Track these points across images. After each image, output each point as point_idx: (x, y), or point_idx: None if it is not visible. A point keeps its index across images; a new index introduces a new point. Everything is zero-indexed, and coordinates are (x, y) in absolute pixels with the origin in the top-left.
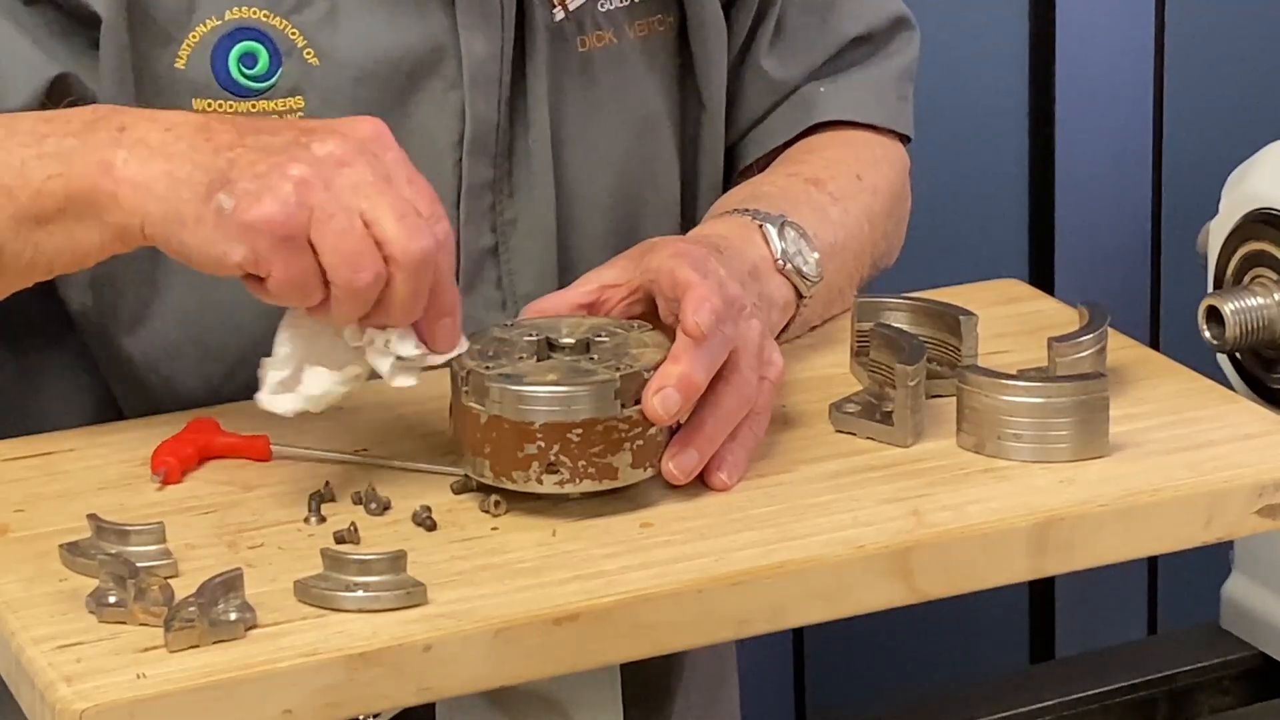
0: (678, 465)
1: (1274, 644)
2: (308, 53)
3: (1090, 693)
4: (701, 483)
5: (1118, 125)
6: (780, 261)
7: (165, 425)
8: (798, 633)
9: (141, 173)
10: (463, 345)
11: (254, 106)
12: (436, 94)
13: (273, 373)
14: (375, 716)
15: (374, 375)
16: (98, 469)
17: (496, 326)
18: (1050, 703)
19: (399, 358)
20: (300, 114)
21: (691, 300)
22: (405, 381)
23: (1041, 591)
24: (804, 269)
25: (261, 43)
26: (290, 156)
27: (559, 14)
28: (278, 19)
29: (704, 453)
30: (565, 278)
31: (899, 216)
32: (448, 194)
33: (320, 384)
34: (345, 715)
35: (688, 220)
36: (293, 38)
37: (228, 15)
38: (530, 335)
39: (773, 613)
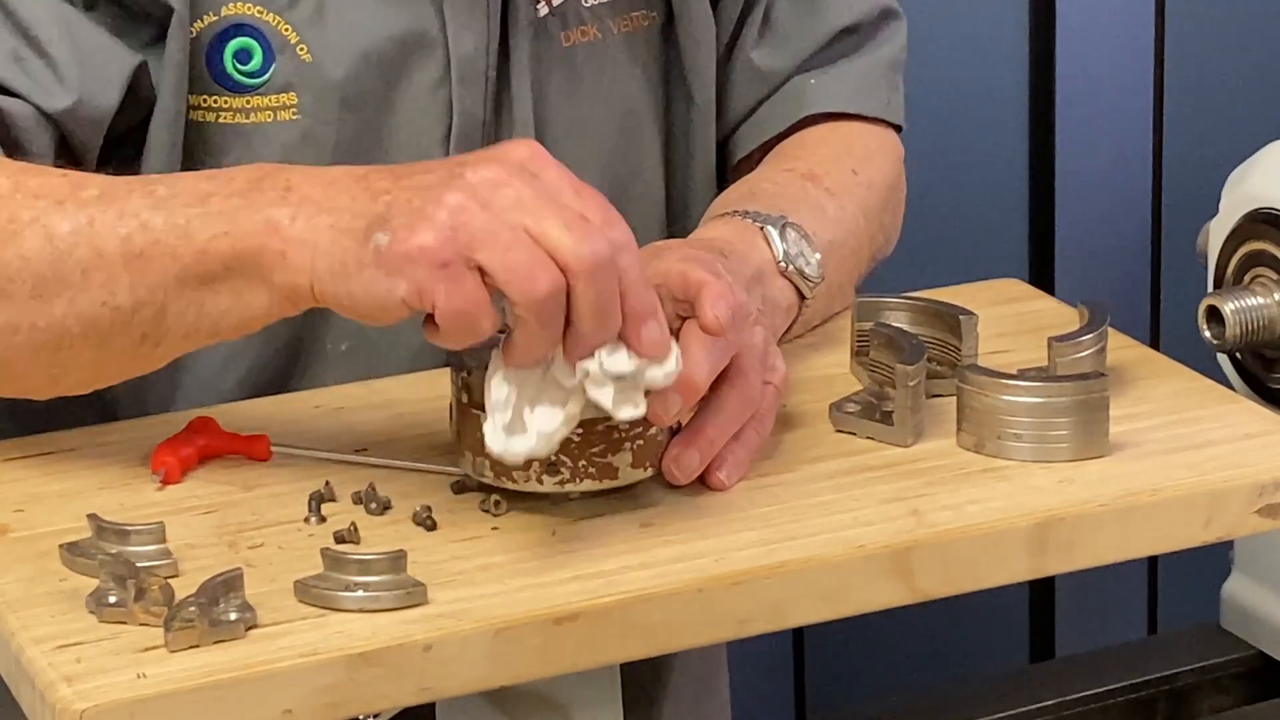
0: (679, 466)
1: (1274, 644)
2: (300, 48)
3: (1090, 693)
4: (701, 483)
5: (1118, 125)
6: (783, 264)
7: (165, 425)
8: (798, 633)
9: (307, 229)
10: (675, 353)
11: (248, 102)
12: (425, 90)
13: (497, 415)
14: (375, 716)
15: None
16: (98, 469)
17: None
18: (1050, 703)
19: (615, 378)
20: (293, 110)
21: (708, 297)
22: (631, 413)
23: (1041, 591)
24: (806, 270)
25: (255, 39)
26: (446, 188)
27: (543, 9)
28: (272, 15)
29: (705, 454)
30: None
31: (894, 207)
32: None
33: (550, 422)
34: (345, 715)
35: (674, 216)
36: (285, 34)
37: (224, 11)
38: None
39: (773, 613)
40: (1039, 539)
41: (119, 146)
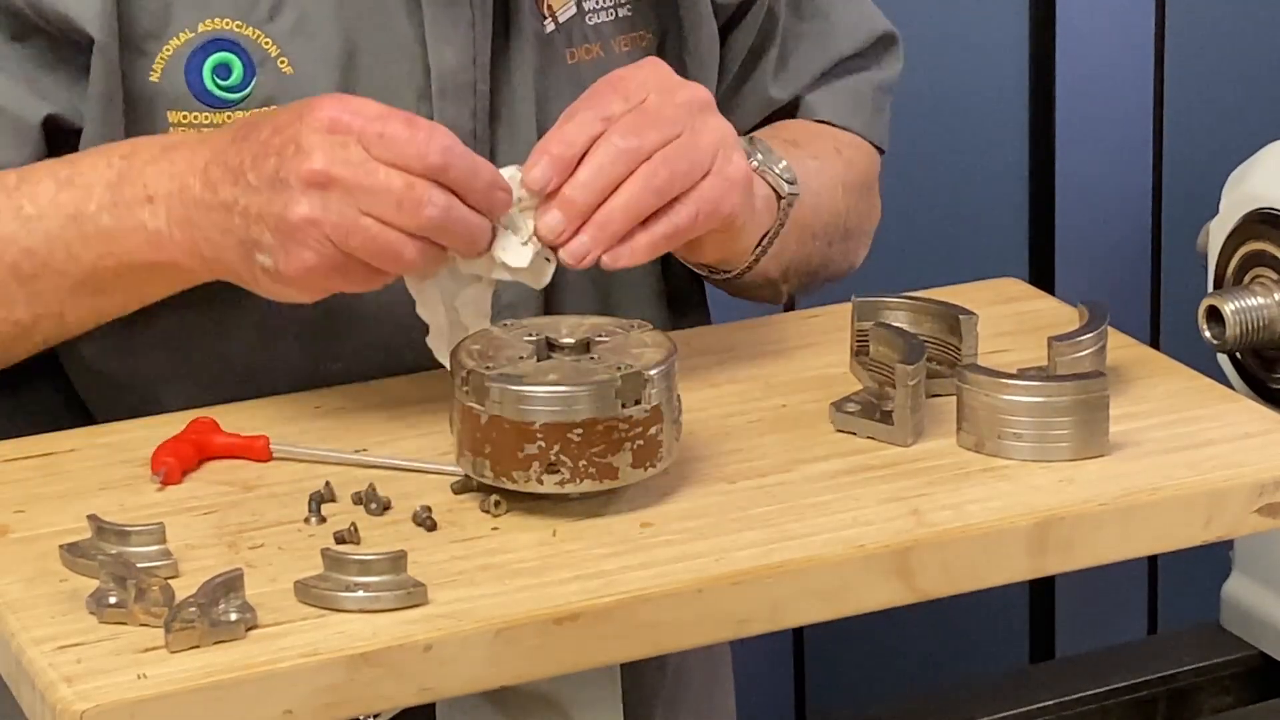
0: (545, 229)
1: (1274, 644)
2: (281, 61)
3: (1090, 693)
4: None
5: (1118, 125)
6: (753, 164)
7: (165, 425)
8: (798, 633)
9: (185, 239)
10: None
11: (229, 117)
12: (407, 103)
13: (434, 339)
14: (376, 717)
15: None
16: (98, 469)
17: (496, 326)
18: (1050, 703)
19: (507, 266)
20: None
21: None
22: (526, 236)
23: (1041, 591)
24: (776, 169)
25: (235, 53)
26: (284, 201)
27: (549, 25)
28: (251, 29)
29: (570, 218)
30: (552, 289)
31: (867, 208)
32: None
33: (478, 300)
34: (346, 715)
35: None
36: (266, 47)
37: (200, 27)
38: (530, 335)
39: (772, 612)
40: (1039, 538)
41: None
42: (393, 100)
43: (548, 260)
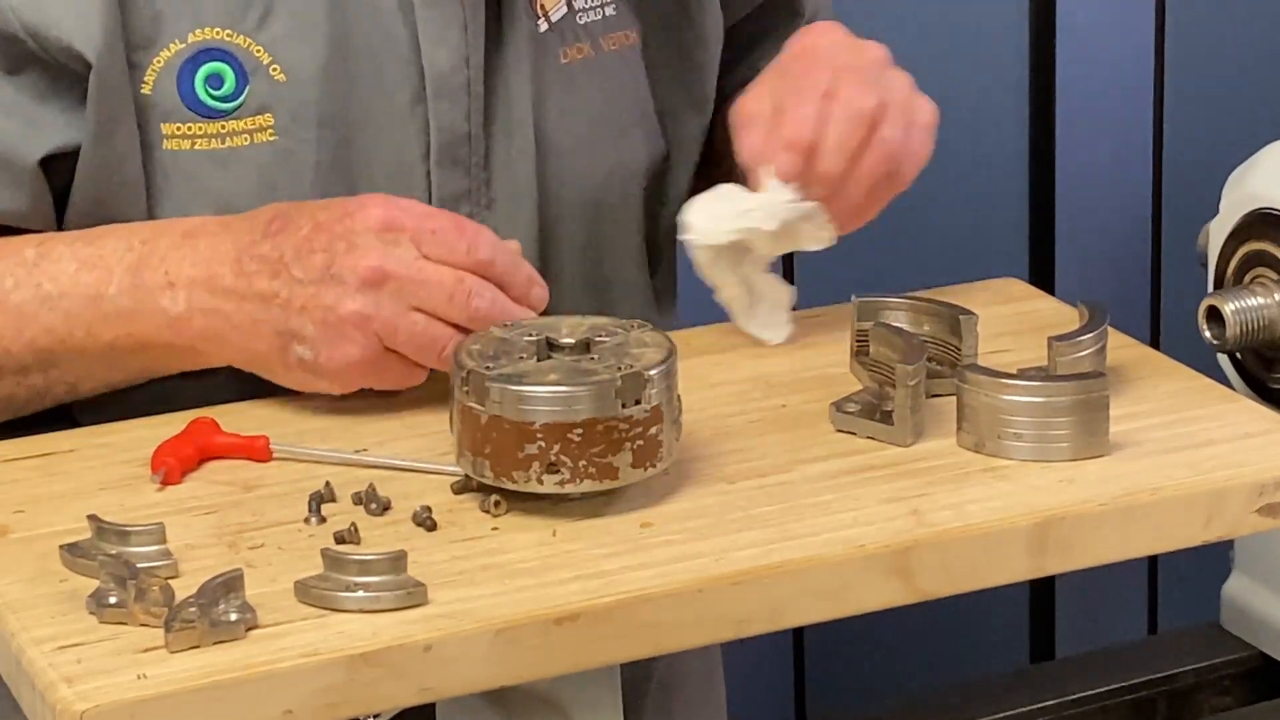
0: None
1: (1274, 644)
2: (274, 69)
3: (1090, 693)
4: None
5: (1118, 125)
6: None
7: (165, 425)
8: (798, 633)
9: (208, 325)
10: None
11: (223, 127)
12: (402, 105)
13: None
14: (376, 717)
15: None
16: (97, 469)
17: (497, 327)
18: (1050, 703)
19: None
20: (270, 131)
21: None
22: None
23: (1041, 591)
24: None
25: (227, 63)
26: (335, 295)
27: (543, 25)
28: (241, 38)
29: (839, 210)
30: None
31: None
32: None
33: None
34: (346, 715)
35: (654, 229)
36: (258, 55)
37: (191, 38)
38: (530, 335)
39: (772, 612)
40: (1039, 539)
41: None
42: (387, 102)
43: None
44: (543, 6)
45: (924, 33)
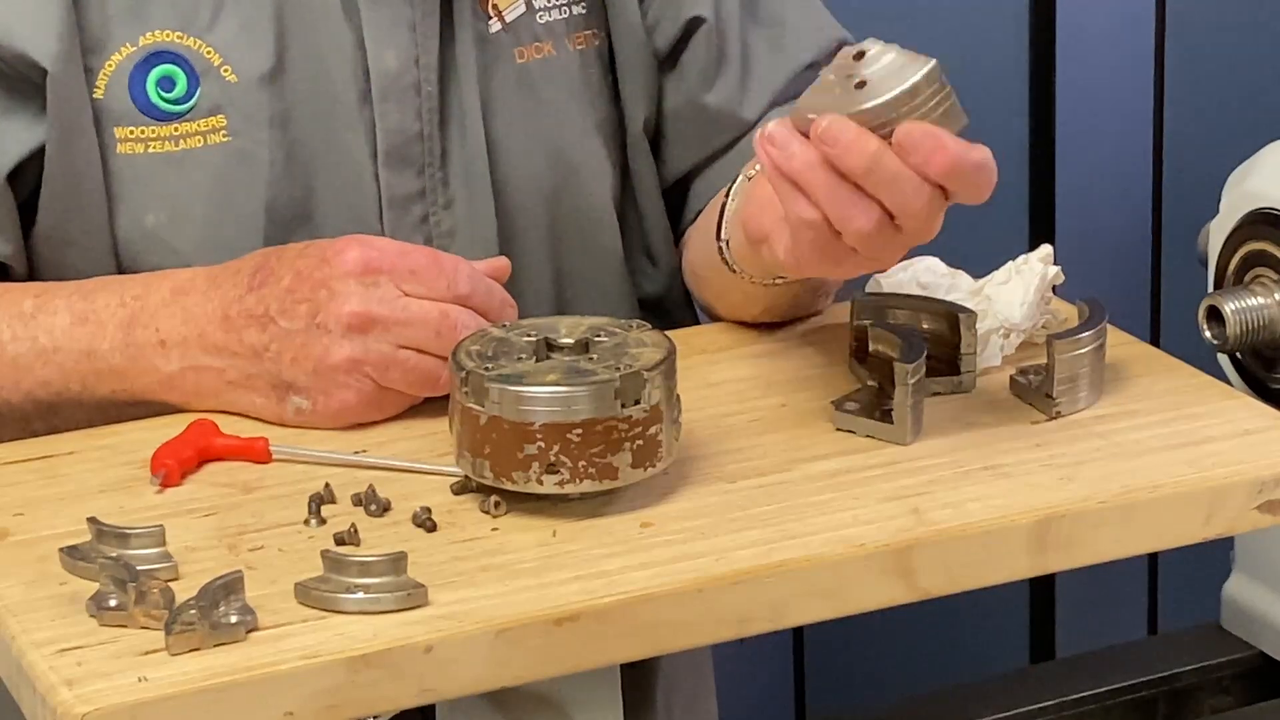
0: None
1: (1274, 644)
2: (225, 70)
3: (1090, 693)
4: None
5: (1118, 125)
6: None
7: (165, 427)
8: (798, 633)
9: (202, 382)
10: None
11: (176, 129)
12: (350, 107)
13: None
14: (376, 718)
15: None
16: (97, 472)
17: (495, 327)
18: (1050, 703)
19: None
20: (223, 132)
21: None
22: None
23: (1042, 591)
24: None
25: (178, 65)
26: (323, 345)
27: (495, 25)
28: (192, 39)
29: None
30: (509, 287)
31: None
32: (370, 208)
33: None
34: (346, 717)
35: (627, 228)
36: (208, 56)
37: (141, 41)
38: (529, 336)
39: (773, 612)
40: (1039, 537)
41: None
42: (334, 103)
43: None
44: (495, 6)
45: (924, 33)
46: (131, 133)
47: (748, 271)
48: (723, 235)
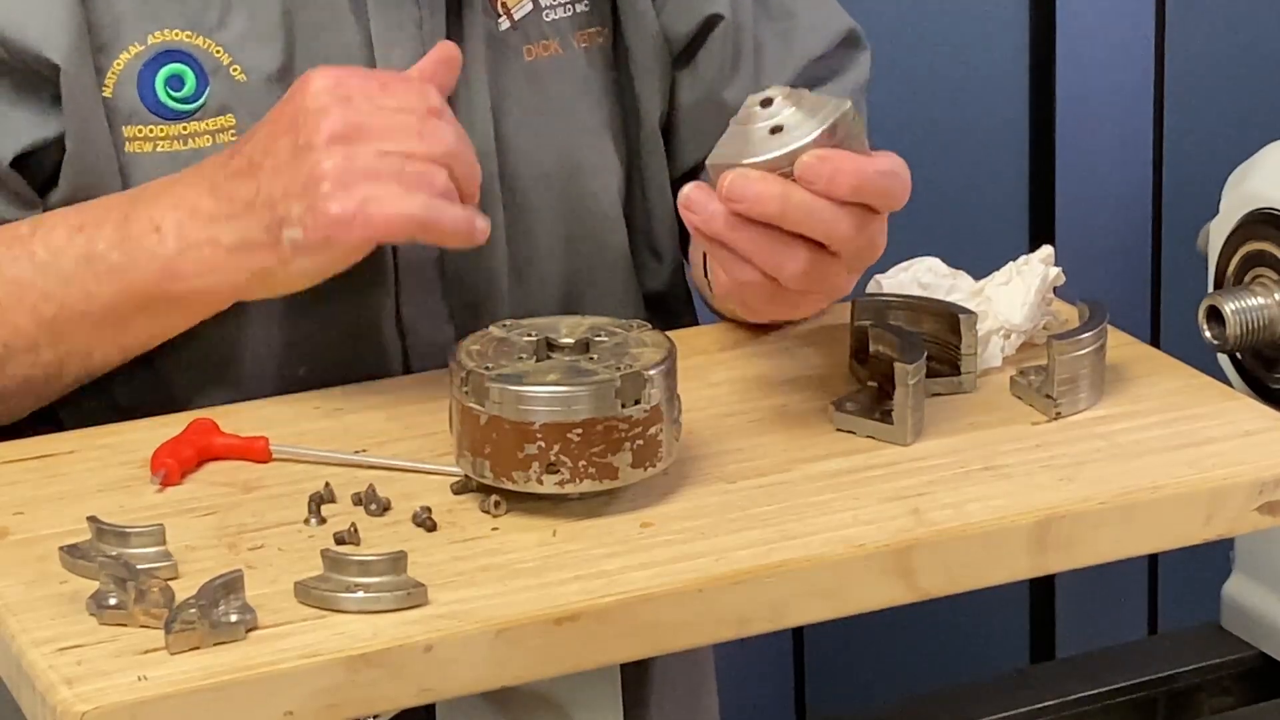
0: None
1: (1274, 644)
2: (234, 69)
3: (1090, 693)
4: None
5: (1118, 125)
6: None
7: (165, 427)
8: (798, 633)
9: (200, 260)
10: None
11: (185, 129)
12: None
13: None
14: (376, 717)
15: None
16: (97, 471)
17: (496, 327)
18: (1050, 703)
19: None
20: (232, 131)
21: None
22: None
23: (1042, 591)
24: None
25: (187, 64)
26: (309, 163)
27: (504, 23)
28: (201, 38)
29: None
30: (516, 288)
31: None
32: None
33: None
34: (346, 716)
35: (634, 226)
36: (218, 56)
37: (150, 40)
38: (530, 335)
39: (773, 612)
40: (1039, 537)
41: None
42: None
43: None
44: (504, 4)
45: (924, 33)
46: (140, 131)
47: (731, 310)
48: (707, 275)
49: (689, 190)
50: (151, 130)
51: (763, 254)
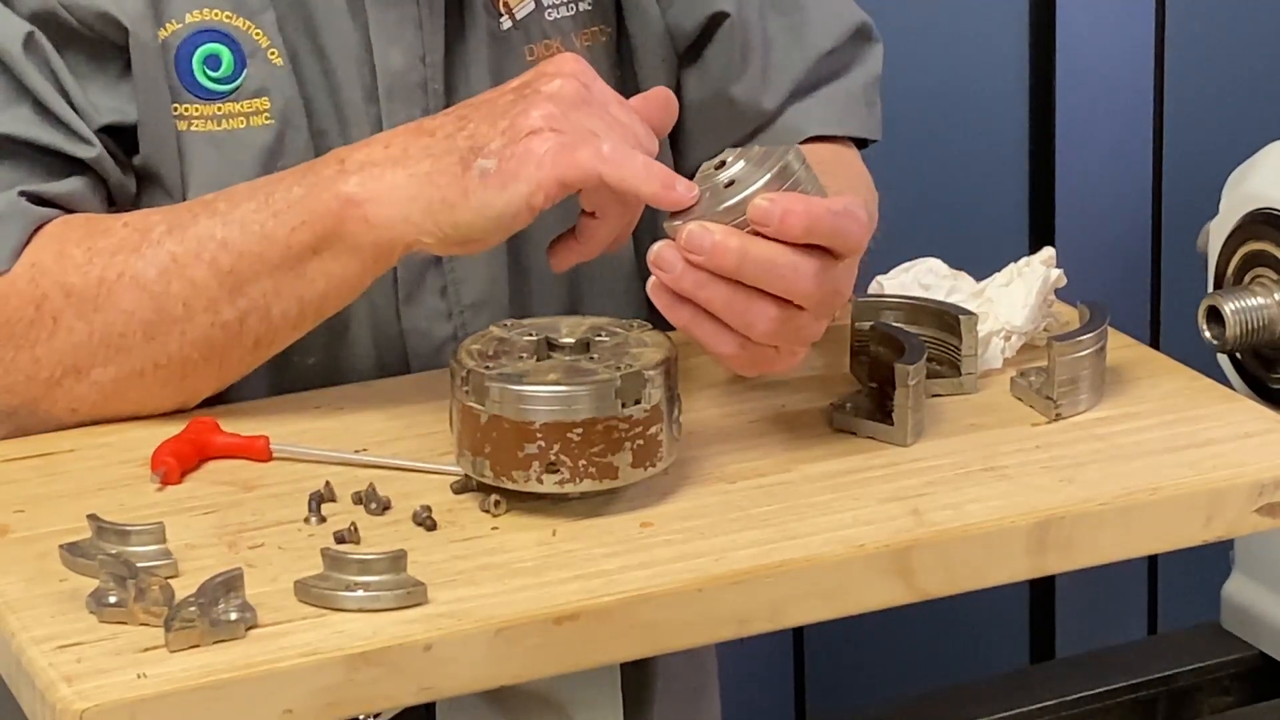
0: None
1: (1274, 644)
2: (272, 53)
3: (1090, 693)
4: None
5: (1118, 125)
6: None
7: (165, 425)
8: (798, 633)
9: (381, 187)
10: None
11: (220, 109)
12: (357, 104)
13: None
14: (375, 716)
15: None
16: (97, 469)
17: (496, 326)
18: (1050, 703)
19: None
20: (267, 114)
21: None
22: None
23: (1041, 591)
24: None
25: (225, 44)
26: (525, 104)
27: (505, 22)
28: (242, 20)
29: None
30: (518, 286)
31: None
32: None
33: None
34: (345, 715)
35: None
36: (257, 38)
37: (189, 18)
38: (530, 335)
39: (773, 612)
40: (1039, 538)
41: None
42: (339, 101)
43: None
44: (506, 3)
45: (924, 33)
46: (175, 110)
47: None
48: None
49: (659, 248)
50: (186, 109)
51: (731, 311)
